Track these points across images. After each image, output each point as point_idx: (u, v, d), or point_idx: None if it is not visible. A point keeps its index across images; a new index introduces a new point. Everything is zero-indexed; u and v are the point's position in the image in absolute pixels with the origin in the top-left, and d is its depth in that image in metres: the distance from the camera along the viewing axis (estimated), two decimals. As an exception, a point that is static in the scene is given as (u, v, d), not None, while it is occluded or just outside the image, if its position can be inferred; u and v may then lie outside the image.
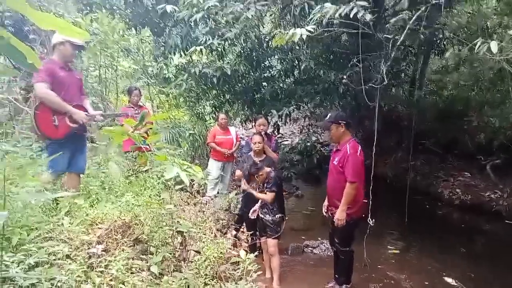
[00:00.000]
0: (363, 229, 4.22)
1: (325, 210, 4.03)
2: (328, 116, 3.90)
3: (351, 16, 4.10)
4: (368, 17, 4.10)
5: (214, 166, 6.27)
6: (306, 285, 4.23)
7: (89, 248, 2.61)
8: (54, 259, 2.34)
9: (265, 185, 4.21)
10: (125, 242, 2.89)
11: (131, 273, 2.55)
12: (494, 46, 3.25)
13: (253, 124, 5.52)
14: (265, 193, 4.13)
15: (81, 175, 3.92)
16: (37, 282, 2.08)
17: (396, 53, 5.21)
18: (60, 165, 3.58)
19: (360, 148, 3.71)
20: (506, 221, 6.64)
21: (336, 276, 4.08)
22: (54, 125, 3.50)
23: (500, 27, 7.41)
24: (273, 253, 4.12)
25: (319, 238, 5.44)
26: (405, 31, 4.51)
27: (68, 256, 2.43)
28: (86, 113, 3.72)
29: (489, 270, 4.78)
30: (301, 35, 3.97)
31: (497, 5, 7.95)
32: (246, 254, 3.09)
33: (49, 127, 3.49)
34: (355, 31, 4.53)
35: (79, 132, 3.76)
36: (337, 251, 3.95)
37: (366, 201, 3.94)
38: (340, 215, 3.66)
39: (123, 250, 2.71)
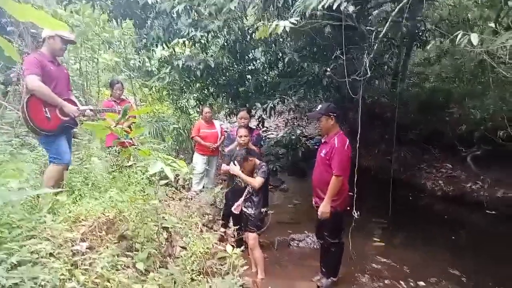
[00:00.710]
0: (348, 221, 4.26)
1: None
2: (318, 108, 3.91)
3: (334, 7, 4.09)
4: (351, 8, 4.10)
5: (199, 160, 6.23)
6: (293, 279, 4.26)
7: (73, 246, 2.56)
8: (37, 258, 2.28)
9: (254, 175, 4.20)
10: (110, 239, 2.85)
11: (116, 270, 2.51)
12: (474, 38, 3.28)
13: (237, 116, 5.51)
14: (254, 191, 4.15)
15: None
16: (19, 282, 2.03)
17: (379, 45, 5.24)
18: (67, 154, 3.61)
19: (348, 141, 3.73)
20: (487, 211, 6.79)
21: (323, 269, 4.12)
22: (47, 117, 3.47)
23: (481, 20, 7.52)
24: (252, 246, 4.13)
25: (305, 232, 5.48)
26: (388, 23, 4.53)
27: (51, 254, 2.37)
28: (77, 107, 3.67)
29: (472, 259, 4.88)
30: (284, 27, 3.95)
31: (478, -2, 8.07)
32: (233, 249, 3.08)
33: (41, 119, 3.45)
34: (339, 23, 4.53)
35: (70, 125, 3.73)
36: (327, 244, 3.98)
37: (351, 193, 3.98)
38: (324, 208, 3.69)
39: (107, 247, 2.67)
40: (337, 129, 3.82)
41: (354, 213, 3.92)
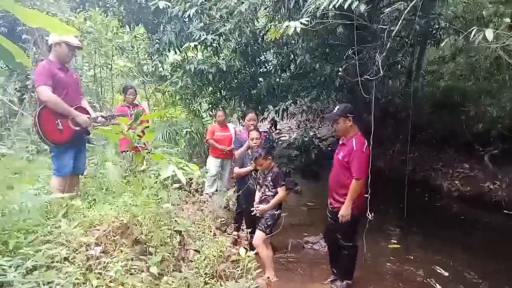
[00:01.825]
0: (363, 223, 4.21)
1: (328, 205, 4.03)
2: (336, 109, 3.85)
3: (345, 7, 4.06)
4: (363, 7, 4.06)
5: (212, 163, 6.24)
6: (306, 281, 4.23)
7: (87, 250, 2.58)
8: (52, 262, 2.31)
9: (268, 178, 4.21)
10: (124, 243, 2.86)
11: (130, 274, 2.52)
12: (489, 33, 3.22)
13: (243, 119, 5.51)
14: (270, 191, 4.20)
15: (80, 176, 3.90)
16: (35, 286, 2.06)
17: (392, 44, 5.18)
18: (67, 167, 3.59)
19: (366, 143, 3.68)
20: (505, 211, 6.64)
21: (334, 270, 4.06)
22: (59, 129, 3.49)
23: (496, 16, 7.39)
24: (256, 245, 4.09)
25: (320, 234, 5.43)
26: (400, 21, 4.48)
27: (66, 259, 2.40)
28: (88, 116, 3.70)
29: (490, 261, 4.75)
30: (295, 28, 3.94)
31: (493, -6, 7.93)
32: (246, 252, 3.07)
33: (54, 132, 3.47)
34: (350, 22, 4.49)
35: (82, 134, 3.75)
36: (341, 247, 3.93)
37: (366, 195, 3.92)
38: (345, 211, 3.63)
39: (121, 251, 2.69)
40: (355, 131, 3.76)
41: (368, 214, 3.86)
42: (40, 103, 3.43)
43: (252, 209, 4.31)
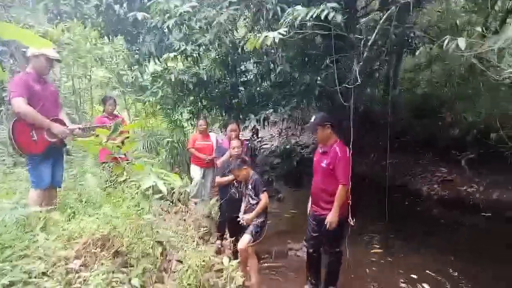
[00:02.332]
0: (345, 229, 4.26)
1: (309, 212, 4.04)
2: (313, 119, 3.90)
3: (322, 17, 4.14)
4: (339, 18, 4.15)
5: (196, 171, 6.26)
6: (291, 288, 4.23)
7: (66, 264, 2.53)
8: (30, 278, 2.26)
9: (249, 186, 4.23)
10: (104, 255, 2.82)
11: (112, 287, 2.48)
12: (461, 42, 3.33)
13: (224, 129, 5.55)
14: (253, 199, 4.22)
15: (58, 189, 3.83)
16: (12, 303, 2.01)
17: (369, 53, 5.28)
18: (45, 180, 3.53)
19: (348, 149, 3.73)
20: (482, 213, 6.80)
21: (311, 280, 4.08)
22: (33, 140, 3.43)
23: (469, 25, 7.64)
24: (241, 250, 4.08)
25: (303, 241, 5.45)
26: (376, 31, 4.59)
27: (44, 274, 2.35)
28: (65, 127, 3.65)
29: (471, 261, 4.86)
30: (274, 38, 3.99)
31: (466, 4, 8.19)
32: (229, 261, 3.06)
33: (27, 142, 3.42)
34: (328, 32, 4.58)
35: (58, 146, 3.69)
36: (327, 253, 3.95)
37: (349, 202, 3.97)
38: (333, 218, 3.66)
39: (102, 264, 2.64)
40: (335, 138, 3.82)
41: (349, 220, 3.90)
42: (13, 115, 3.37)
43: (238, 219, 4.31)
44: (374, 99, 10.63)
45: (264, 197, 4.18)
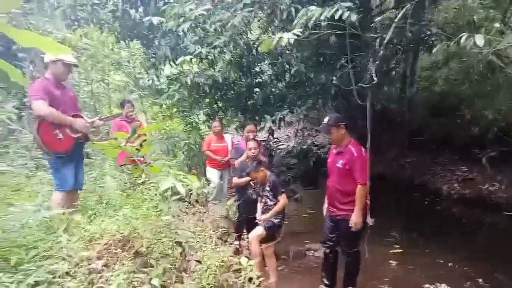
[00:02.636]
0: (364, 228, 4.23)
1: (326, 212, 4.03)
2: (327, 120, 3.88)
3: (337, 17, 4.12)
4: (354, 17, 4.12)
5: (213, 173, 6.30)
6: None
7: (89, 264, 2.59)
8: (54, 277, 2.32)
9: (266, 188, 4.24)
10: (125, 256, 2.87)
11: (133, 287, 2.53)
12: (479, 39, 3.28)
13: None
14: (271, 200, 4.23)
15: (79, 191, 3.92)
16: (37, 302, 2.07)
17: (385, 52, 5.24)
18: (68, 183, 3.62)
19: (363, 148, 3.72)
20: (504, 212, 6.66)
21: (325, 281, 4.04)
22: (59, 139, 3.52)
23: (487, 21, 7.49)
24: (252, 238, 4.13)
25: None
26: (392, 29, 4.55)
27: (67, 274, 2.41)
28: (86, 121, 3.74)
29: (493, 263, 4.75)
30: (288, 39, 3.99)
31: (483, -1, 8.04)
32: (247, 261, 3.08)
33: (53, 142, 3.51)
34: (342, 32, 4.56)
35: (82, 141, 3.79)
36: (345, 254, 3.93)
37: (368, 201, 3.94)
38: (357, 219, 3.64)
39: (123, 264, 2.69)
40: (349, 138, 3.79)
41: (368, 220, 3.88)
42: (36, 117, 3.46)
43: (256, 220, 4.34)
44: (391, 98, 10.52)
45: (282, 198, 4.19)
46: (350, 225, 3.67)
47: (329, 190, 3.95)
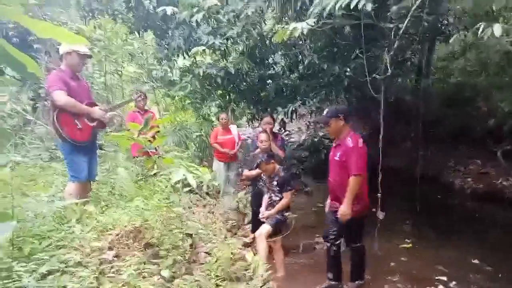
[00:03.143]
0: (374, 222, 4.18)
1: (328, 208, 3.99)
2: (325, 111, 3.86)
3: (352, 7, 4.05)
4: (369, 6, 4.04)
5: (220, 166, 6.31)
6: (318, 282, 4.19)
7: (100, 255, 2.62)
8: (66, 267, 2.36)
9: (274, 182, 4.24)
10: (136, 247, 2.91)
11: (143, 277, 2.55)
12: (497, 29, 3.18)
13: (260, 121, 5.52)
14: (276, 195, 4.22)
15: (91, 182, 3.97)
16: (49, 291, 2.10)
17: (400, 42, 5.14)
18: (82, 173, 3.66)
19: (361, 139, 3.65)
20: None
21: (330, 276, 3.96)
22: (78, 128, 3.57)
23: (506, 10, 7.28)
24: (258, 235, 4.11)
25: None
26: (408, 18, 4.45)
27: (79, 263, 2.44)
28: (99, 107, 3.78)
29: (505, 259, 4.66)
30: (302, 29, 3.94)
31: (502, -12, 7.81)
32: (253, 255, 3.09)
33: (75, 132, 3.56)
34: (357, 22, 4.48)
35: (100, 130, 3.85)
36: (349, 249, 3.88)
37: (379, 194, 3.89)
38: (345, 209, 3.58)
39: (134, 255, 2.72)
40: (348, 130, 3.73)
41: (378, 214, 3.84)
42: (53, 108, 3.49)
43: (260, 215, 4.35)
44: (405, 89, 10.35)
45: (286, 196, 4.18)
46: (337, 215, 3.63)
47: (330, 185, 3.90)
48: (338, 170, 3.74)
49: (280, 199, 4.22)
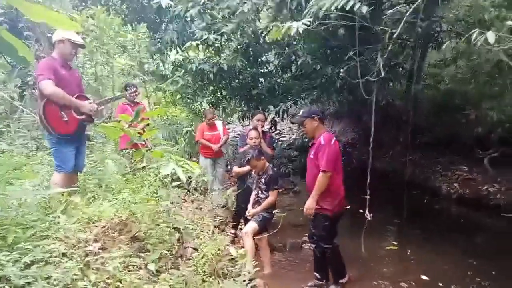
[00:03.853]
0: (361, 223, 4.20)
1: None
2: (301, 112, 3.93)
3: (348, 8, 4.07)
4: (365, 9, 4.07)
5: (207, 162, 6.28)
6: (304, 280, 4.20)
7: (85, 246, 2.58)
8: (50, 257, 2.31)
9: (262, 179, 4.23)
10: (122, 240, 2.86)
11: (128, 270, 2.52)
12: (490, 36, 3.22)
13: (251, 119, 5.51)
14: (263, 193, 4.23)
15: (78, 173, 3.90)
16: (32, 281, 2.06)
17: (393, 46, 5.19)
18: (69, 164, 3.58)
19: (334, 138, 3.70)
20: (503, 214, 6.62)
21: (317, 275, 3.97)
22: (64, 120, 3.48)
23: (498, 19, 7.38)
24: (245, 233, 4.12)
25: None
26: (402, 23, 4.48)
27: (64, 255, 2.40)
28: (91, 101, 3.70)
29: (490, 264, 4.71)
30: (297, 28, 3.94)
31: (495, -2, 7.92)
32: (237, 251, 3.08)
33: (60, 123, 3.47)
34: (352, 24, 4.50)
35: (86, 123, 3.77)
36: (319, 249, 3.86)
37: (367, 196, 3.90)
38: (309, 204, 3.63)
39: (120, 248, 2.68)
40: (322, 130, 3.80)
41: (367, 215, 3.86)
42: (42, 97, 3.42)
43: (247, 214, 4.34)
44: (396, 94, 10.44)
45: (272, 195, 4.19)
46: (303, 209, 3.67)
47: (307, 184, 3.92)
48: (314, 169, 3.76)
49: (267, 197, 4.21)
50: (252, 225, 4.13)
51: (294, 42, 7.66)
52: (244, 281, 2.82)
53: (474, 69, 8.70)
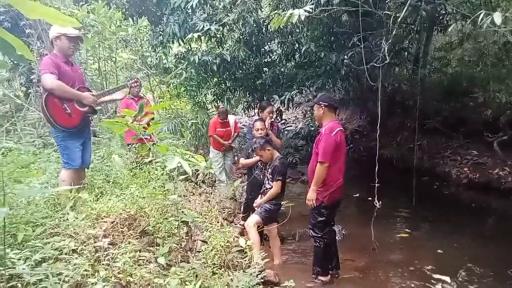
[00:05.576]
0: (371, 212, 4.18)
1: None
2: (318, 96, 3.87)
3: (351, -7, 4.00)
4: (368, -6, 4.00)
5: (216, 156, 6.28)
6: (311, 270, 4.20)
7: (95, 242, 2.59)
8: (60, 254, 2.32)
9: (269, 170, 4.21)
10: (131, 234, 2.87)
11: (138, 265, 2.53)
12: (497, 17, 3.15)
13: (259, 111, 5.46)
14: (269, 184, 4.19)
15: (86, 169, 3.91)
16: (44, 278, 2.07)
17: (398, 31, 5.10)
18: (76, 160, 3.59)
19: (338, 129, 3.62)
20: (514, 198, 6.56)
21: (314, 268, 3.91)
22: (67, 113, 3.49)
23: (505, 1, 7.24)
24: (247, 226, 4.10)
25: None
26: (406, 7, 4.40)
27: (74, 251, 2.41)
28: (92, 93, 3.70)
29: (500, 249, 4.68)
30: (299, 16, 3.88)
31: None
32: (246, 242, 3.08)
33: (62, 116, 3.47)
34: (355, 9, 4.43)
35: (90, 115, 3.78)
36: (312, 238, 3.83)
37: (377, 184, 3.86)
38: (310, 195, 3.61)
39: (129, 243, 2.68)
40: (329, 119, 3.71)
41: (375, 203, 3.83)
42: (44, 91, 3.42)
43: (254, 205, 4.33)
44: (402, 79, 10.33)
45: (275, 185, 4.12)
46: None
47: (308, 173, 3.89)
48: (314, 157, 3.74)
49: (271, 187, 4.19)
50: (253, 218, 4.12)
51: (297, 30, 7.57)
52: (254, 272, 2.81)
53: (481, 51, 8.58)
